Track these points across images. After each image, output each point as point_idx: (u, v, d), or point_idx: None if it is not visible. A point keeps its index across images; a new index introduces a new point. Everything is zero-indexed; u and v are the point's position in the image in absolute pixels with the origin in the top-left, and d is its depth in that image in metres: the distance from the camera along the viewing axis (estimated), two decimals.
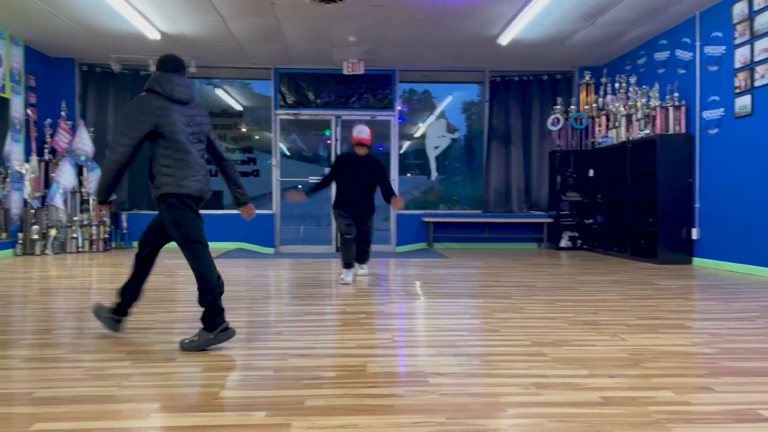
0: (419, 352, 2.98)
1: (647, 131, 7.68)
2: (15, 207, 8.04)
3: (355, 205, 5.62)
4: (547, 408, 2.14)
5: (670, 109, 7.37)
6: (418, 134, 10.63)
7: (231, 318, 3.82)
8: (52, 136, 8.76)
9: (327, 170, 5.85)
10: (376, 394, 2.30)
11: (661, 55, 7.90)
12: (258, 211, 9.75)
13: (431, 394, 2.29)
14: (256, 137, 10.18)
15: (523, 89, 9.98)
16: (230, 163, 3.52)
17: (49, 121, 8.79)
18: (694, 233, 7.12)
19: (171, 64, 3.25)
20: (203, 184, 3.23)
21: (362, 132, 5.59)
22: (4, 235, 7.89)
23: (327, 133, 10.18)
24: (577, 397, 2.26)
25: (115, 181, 3.16)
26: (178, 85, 3.16)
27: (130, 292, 3.24)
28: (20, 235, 8.06)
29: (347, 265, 5.55)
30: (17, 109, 8.16)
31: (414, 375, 2.54)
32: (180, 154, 3.16)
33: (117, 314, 3.27)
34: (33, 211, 8.13)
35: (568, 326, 3.56)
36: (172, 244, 3.35)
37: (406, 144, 10.55)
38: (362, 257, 5.91)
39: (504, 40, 8.02)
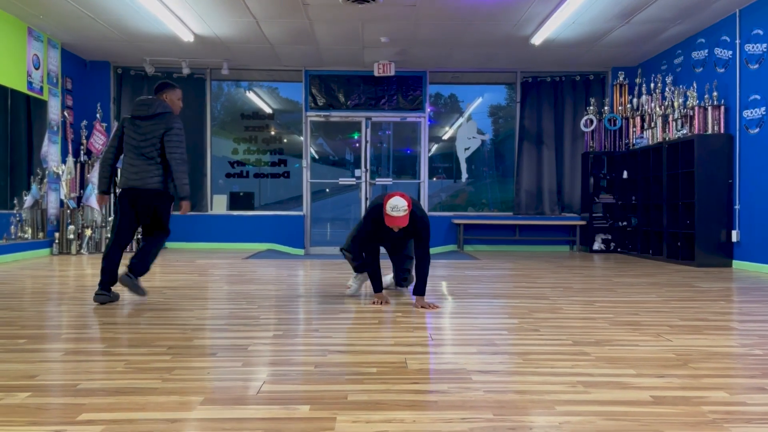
0: (459, 349, 2.94)
1: (684, 131, 7.52)
2: (52, 207, 8.18)
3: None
4: (597, 406, 2.08)
5: (709, 109, 7.21)
6: (446, 137, 10.57)
7: (264, 315, 3.82)
8: (87, 137, 8.91)
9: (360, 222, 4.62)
10: (420, 390, 2.26)
11: (699, 54, 7.74)
12: (288, 213, 9.81)
13: (476, 390, 2.24)
14: (285, 140, 10.22)
15: (555, 90, 9.87)
16: (172, 159, 4.20)
17: (85, 122, 8.94)
18: (734, 235, 6.94)
19: (155, 88, 4.42)
20: (129, 179, 4.22)
21: (396, 209, 3.98)
22: (41, 234, 8.03)
23: (356, 135, 10.18)
24: (627, 396, 2.19)
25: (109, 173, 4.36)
26: (140, 105, 4.26)
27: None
28: (57, 234, 8.20)
29: (358, 268, 4.61)
30: (54, 111, 8.31)
31: (456, 372, 2.50)
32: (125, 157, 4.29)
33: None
34: (69, 211, 8.27)
35: (609, 326, 3.48)
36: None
37: (434, 147, 10.50)
38: (401, 277, 4.90)
39: (537, 40, 7.94)
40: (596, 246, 9.22)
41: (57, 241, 8.19)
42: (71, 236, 8.21)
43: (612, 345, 3.01)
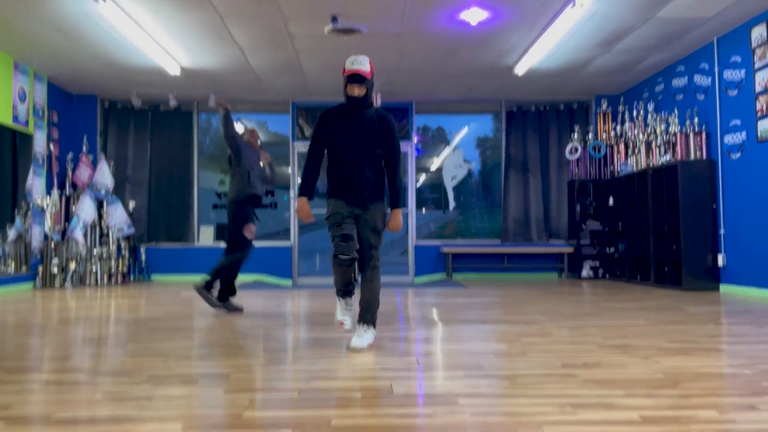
0: (446, 374, 2.89)
1: (668, 157, 7.60)
2: (36, 241, 8.09)
3: (358, 183, 3.54)
4: (586, 426, 2.05)
5: (691, 135, 7.30)
6: (434, 167, 10.63)
7: (249, 345, 3.75)
8: (73, 170, 8.87)
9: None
10: (406, 413, 2.21)
11: (679, 82, 7.87)
12: (276, 243, 9.75)
13: (462, 414, 2.20)
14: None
15: (539, 118, 9.97)
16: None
17: (70, 155, 8.91)
18: (720, 260, 6.97)
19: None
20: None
21: (357, 61, 3.47)
22: (24, 268, 7.93)
23: None
24: (616, 416, 2.16)
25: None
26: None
27: None
28: (40, 268, 8.09)
29: (344, 291, 3.60)
30: (40, 144, 8.28)
31: (443, 396, 2.45)
32: None
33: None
34: (53, 244, 8.18)
35: (597, 349, 3.45)
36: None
37: (423, 178, 10.54)
38: (365, 310, 3.54)
39: (520, 70, 8.04)
40: (584, 273, 9.22)
41: (40, 275, 8.08)
42: (55, 270, 8.11)
43: (601, 367, 2.98)
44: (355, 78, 3.47)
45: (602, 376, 2.79)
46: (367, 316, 3.54)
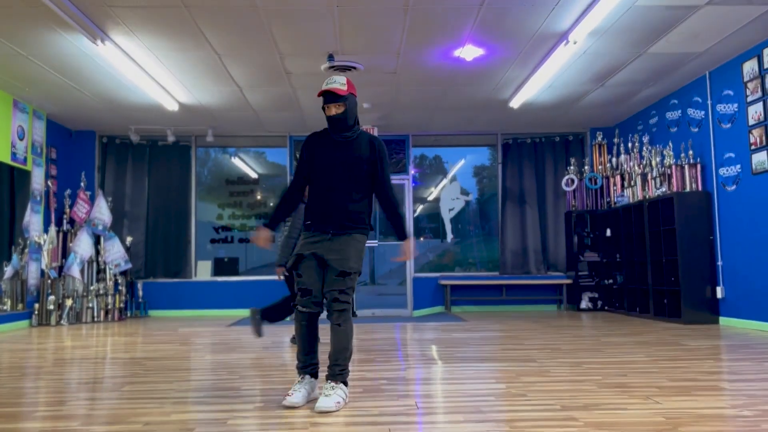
0: (444, 418, 2.86)
1: (664, 189, 7.64)
2: (32, 278, 8.06)
3: (332, 211, 3.25)
4: None
5: (686, 167, 7.36)
6: (431, 197, 10.67)
7: (246, 386, 3.72)
8: (71, 206, 8.88)
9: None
10: None
11: (672, 114, 7.95)
12: (273, 278, 9.70)
13: None
14: (271, 204, 10.25)
15: (535, 151, 10.04)
16: None
17: (68, 191, 8.93)
18: (719, 292, 6.96)
19: None
20: None
21: (332, 80, 3.26)
22: (20, 305, 7.88)
23: None
24: None
25: None
26: None
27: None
28: (36, 305, 8.04)
29: (302, 366, 3.24)
30: (38, 180, 8.30)
31: None
32: None
33: None
34: (50, 281, 8.15)
35: (597, 389, 3.43)
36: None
37: (420, 208, 10.57)
38: (333, 363, 3.16)
39: (515, 103, 8.13)
40: (583, 304, 9.19)
41: (36, 312, 8.03)
42: (51, 307, 8.06)
43: (601, 409, 2.96)
44: (330, 97, 3.22)
45: (602, 419, 2.77)
46: (335, 369, 3.12)
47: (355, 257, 3.20)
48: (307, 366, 3.20)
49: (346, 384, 3.16)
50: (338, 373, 3.13)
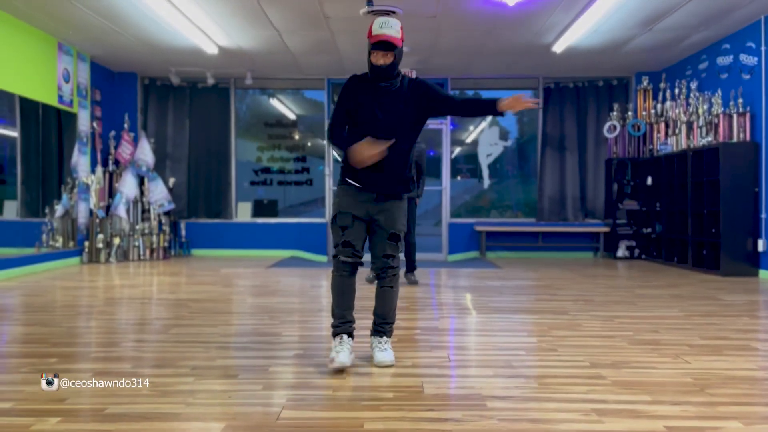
0: (475, 372, 2.97)
1: (709, 139, 7.43)
2: (82, 217, 8.39)
3: (381, 168, 3.04)
4: None
5: (734, 116, 7.12)
6: (469, 140, 10.60)
7: (286, 332, 3.88)
8: (116, 147, 9.11)
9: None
10: (435, 418, 2.31)
11: (724, 60, 7.64)
12: (311, 220, 9.91)
13: (489, 419, 2.28)
14: (309, 144, 10.34)
15: (578, 96, 9.81)
16: None
17: (113, 133, 9.14)
18: (761, 245, 6.85)
19: None
20: None
21: (387, 24, 3.03)
22: (72, 243, 8.24)
23: None
24: (640, 426, 2.21)
25: None
26: None
27: None
28: (86, 243, 8.40)
29: (339, 324, 3.08)
30: (84, 122, 8.51)
31: (471, 398, 2.53)
32: None
33: None
34: (98, 220, 8.47)
35: (627, 345, 3.48)
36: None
37: (457, 149, 10.53)
38: (383, 321, 3.16)
39: (558, 48, 7.90)
40: (620, 253, 9.15)
41: (86, 250, 8.39)
42: (100, 245, 8.41)
43: (629, 367, 3.02)
44: (382, 45, 2.98)
45: (630, 377, 2.83)
46: (387, 327, 3.16)
47: (402, 218, 3.15)
48: (345, 323, 3.06)
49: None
50: (389, 330, 3.17)
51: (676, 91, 8.52)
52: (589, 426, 2.22)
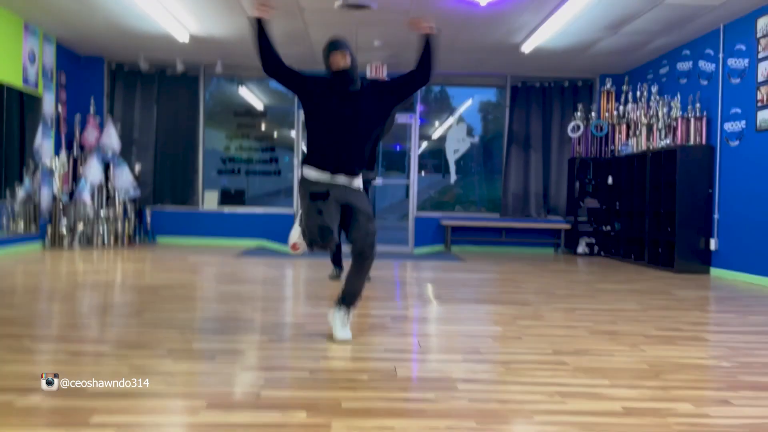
0: (446, 357, 3.10)
1: (668, 141, 7.73)
2: (44, 201, 8.25)
3: (340, 153, 3.29)
4: (572, 416, 2.26)
5: (692, 120, 7.42)
6: (436, 136, 10.76)
7: (257, 318, 3.95)
8: (81, 132, 8.97)
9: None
10: (409, 398, 2.42)
11: (683, 66, 7.95)
12: (279, 210, 9.93)
13: (461, 399, 2.41)
14: (276, 135, 10.35)
15: (543, 95, 10.05)
16: None
17: (78, 117, 9.00)
18: (713, 244, 7.17)
19: None
20: None
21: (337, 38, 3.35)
22: (33, 227, 8.11)
23: None
24: (600, 407, 2.37)
25: None
26: None
27: None
28: (49, 228, 8.27)
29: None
30: (49, 105, 8.37)
31: (442, 380, 2.66)
32: None
33: None
34: (62, 205, 8.34)
35: (588, 335, 3.66)
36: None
37: (424, 144, 10.68)
38: (351, 294, 3.37)
39: (527, 48, 8.10)
40: (580, 249, 9.43)
41: (49, 234, 8.27)
42: (63, 230, 8.29)
43: (590, 355, 3.19)
44: (336, 44, 3.18)
45: (590, 364, 3.00)
46: (352, 300, 3.36)
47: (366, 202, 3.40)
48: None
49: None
50: (353, 304, 3.38)
51: (638, 93, 8.81)
52: (553, 406, 2.36)
